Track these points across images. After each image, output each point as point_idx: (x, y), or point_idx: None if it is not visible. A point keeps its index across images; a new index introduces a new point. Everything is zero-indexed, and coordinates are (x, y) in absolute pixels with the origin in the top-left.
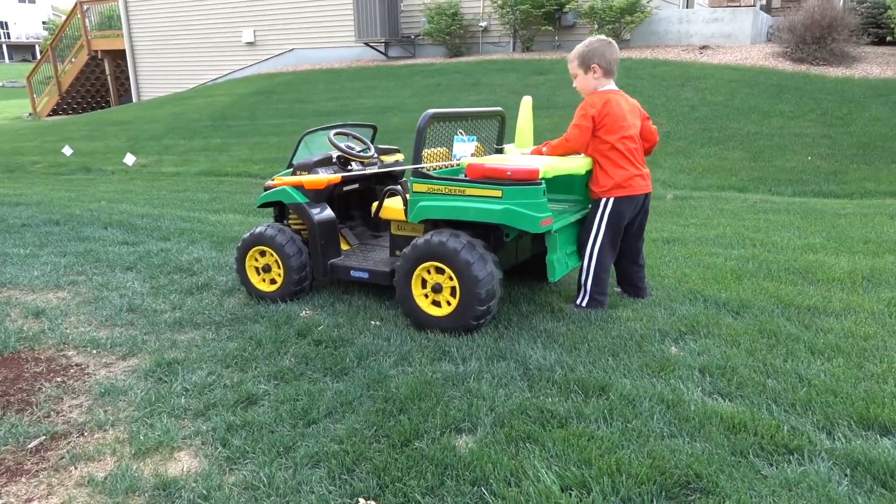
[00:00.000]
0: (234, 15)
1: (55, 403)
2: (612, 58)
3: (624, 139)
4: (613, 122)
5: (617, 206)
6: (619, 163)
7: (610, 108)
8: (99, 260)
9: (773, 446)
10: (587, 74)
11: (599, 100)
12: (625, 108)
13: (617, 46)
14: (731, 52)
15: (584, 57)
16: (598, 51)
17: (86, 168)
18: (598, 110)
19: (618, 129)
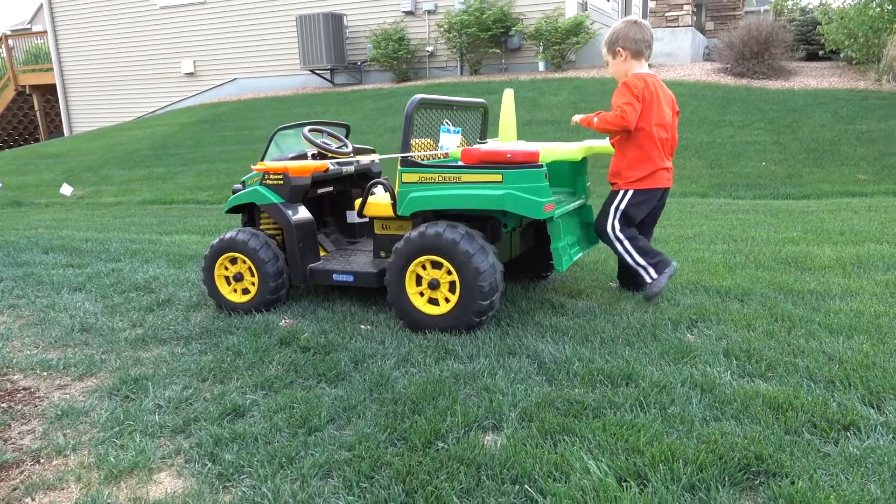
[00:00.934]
0: (172, 46)
1: (2, 430)
2: (638, 37)
3: (658, 126)
4: (650, 106)
5: (637, 198)
6: (650, 153)
7: (649, 90)
8: (41, 283)
9: (825, 423)
10: (616, 59)
11: (639, 80)
12: (660, 94)
13: (646, 26)
14: (674, 70)
15: (609, 42)
16: (620, 33)
17: (16, 202)
18: (640, 90)
19: (653, 114)
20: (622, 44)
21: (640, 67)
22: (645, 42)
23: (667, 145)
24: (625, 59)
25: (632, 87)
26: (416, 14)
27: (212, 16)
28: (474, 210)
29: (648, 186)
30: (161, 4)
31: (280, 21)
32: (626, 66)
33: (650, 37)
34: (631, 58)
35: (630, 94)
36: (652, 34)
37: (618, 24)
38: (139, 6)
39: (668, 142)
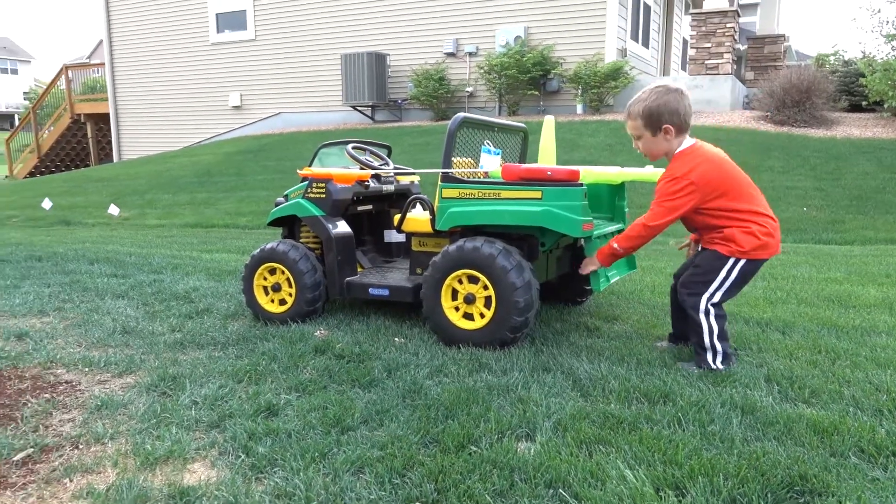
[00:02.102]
0: (221, 80)
1: (43, 418)
2: (686, 111)
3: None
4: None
5: (749, 267)
6: (759, 222)
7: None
8: (86, 289)
9: (873, 448)
10: (657, 136)
11: (693, 160)
12: (721, 156)
13: (685, 93)
14: (713, 117)
15: (651, 115)
16: (670, 105)
17: (65, 221)
18: (699, 174)
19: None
20: (670, 119)
21: (686, 143)
22: (691, 115)
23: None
24: (669, 139)
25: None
26: (458, 56)
27: (260, 52)
28: (513, 226)
29: (763, 256)
30: (213, 41)
31: (325, 59)
32: (667, 146)
33: (690, 105)
34: (677, 134)
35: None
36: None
37: (661, 92)
38: (193, 42)
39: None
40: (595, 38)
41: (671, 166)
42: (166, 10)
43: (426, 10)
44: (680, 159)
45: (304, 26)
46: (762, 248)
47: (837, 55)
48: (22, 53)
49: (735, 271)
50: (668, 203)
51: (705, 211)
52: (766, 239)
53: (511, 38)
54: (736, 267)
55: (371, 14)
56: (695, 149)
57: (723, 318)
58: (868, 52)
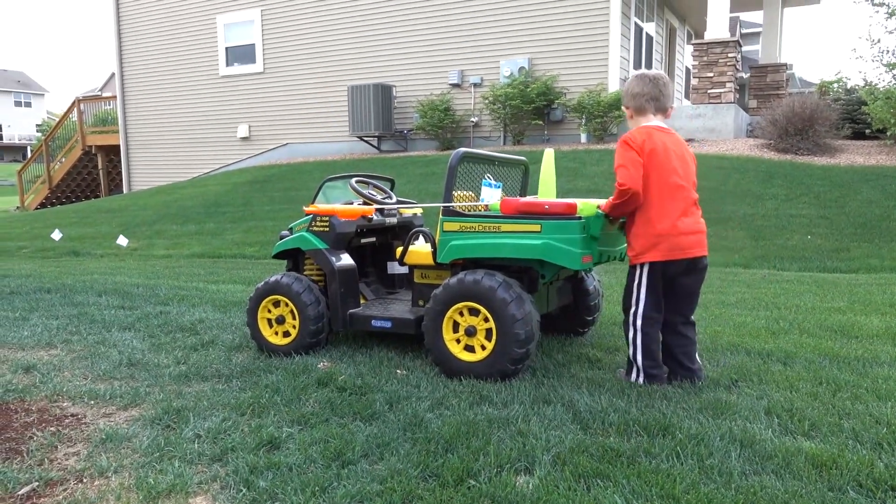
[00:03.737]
0: (230, 112)
1: (49, 451)
2: (636, 91)
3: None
4: (656, 161)
5: (656, 270)
6: (667, 213)
7: (651, 142)
8: (94, 321)
9: (872, 482)
10: (630, 120)
11: (641, 132)
12: (671, 147)
13: (651, 78)
14: (717, 145)
15: (622, 100)
16: (627, 90)
17: (74, 252)
18: (638, 144)
19: (663, 171)
20: (625, 101)
21: (647, 122)
22: (646, 96)
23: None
24: (630, 117)
25: (629, 142)
26: (463, 87)
27: (268, 85)
28: (512, 259)
29: (670, 258)
30: (223, 73)
31: (331, 90)
32: (633, 125)
33: (652, 88)
34: (636, 115)
35: (625, 150)
36: (658, 85)
37: (629, 80)
38: (203, 75)
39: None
40: (598, 68)
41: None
42: (177, 44)
43: (431, 41)
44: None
45: (312, 59)
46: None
47: (841, 82)
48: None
49: (644, 278)
50: (626, 159)
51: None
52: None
53: (515, 69)
54: (644, 273)
55: (377, 46)
56: (649, 128)
57: (648, 335)
58: (870, 80)
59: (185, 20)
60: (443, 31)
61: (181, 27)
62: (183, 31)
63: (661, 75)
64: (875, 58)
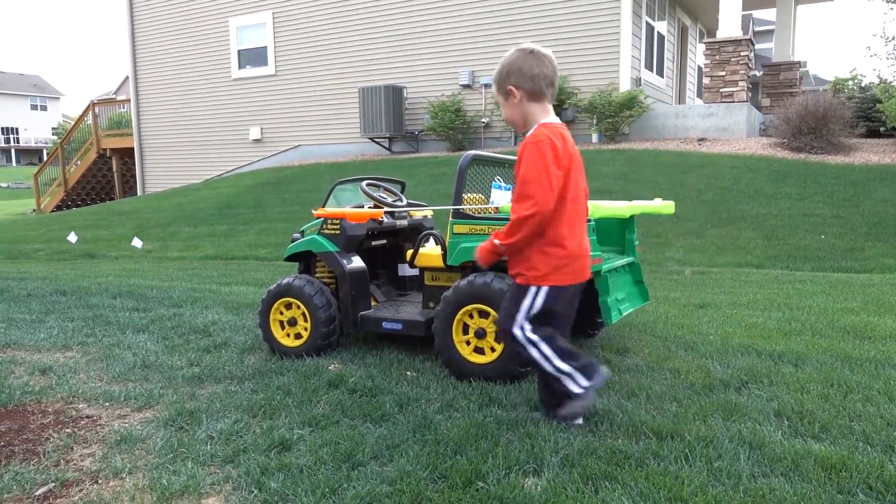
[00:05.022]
0: (242, 114)
1: (65, 453)
2: (536, 72)
3: (574, 200)
4: (572, 169)
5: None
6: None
7: (567, 147)
8: (109, 323)
9: (881, 485)
10: (508, 101)
11: (555, 135)
12: (575, 150)
13: (546, 57)
14: (729, 144)
15: (498, 78)
16: (512, 66)
17: (89, 254)
18: (560, 150)
19: (575, 181)
20: (514, 80)
21: (545, 115)
22: (545, 79)
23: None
24: (519, 101)
25: (551, 147)
26: (474, 87)
27: (280, 87)
28: None
29: (569, 282)
30: (235, 76)
31: (343, 92)
32: (521, 111)
33: (552, 71)
34: (528, 99)
35: (543, 159)
36: (555, 68)
37: (508, 56)
38: (215, 78)
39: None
40: (609, 68)
41: (530, 134)
42: (190, 47)
43: (442, 42)
44: (544, 127)
45: (323, 61)
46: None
47: (856, 80)
48: (51, 90)
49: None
50: (544, 170)
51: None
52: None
53: None
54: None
55: (388, 48)
56: (556, 126)
57: (552, 340)
58: (884, 77)
59: (197, 23)
60: (453, 31)
61: (194, 30)
62: (196, 34)
63: (553, 56)
64: (890, 55)
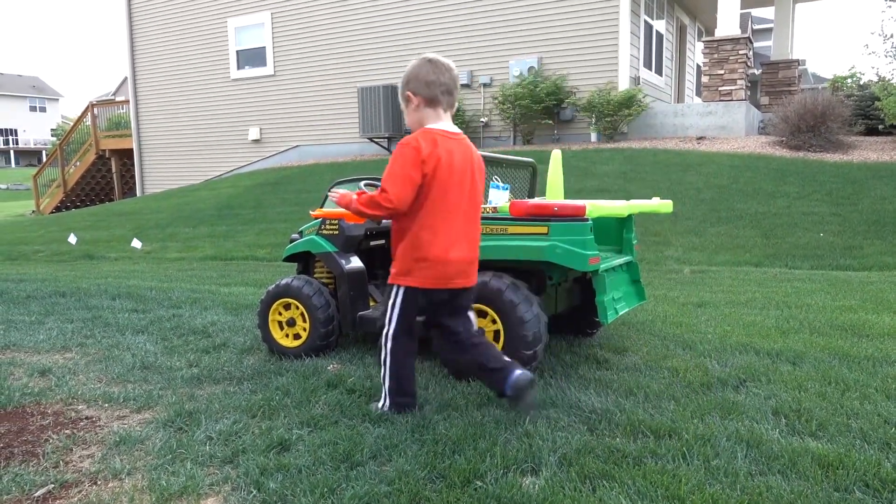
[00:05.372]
0: (241, 115)
1: (64, 454)
2: (431, 79)
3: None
4: (440, 175)
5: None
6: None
7: (439, 154)
8: (108, 325)
9: (878, 482)
10: (408, 107)
11: (426, 140)
12: (458, 159)
13: (444, 66)
14: (728, 143)
15: (401, 86)
16: (411, 73)
17: (89, 255)
18: (424, 155)
19: (445, 187)
20: (412, 87)
21: (436, 121)
22: (441, 86)
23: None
24: (417, 106)
25: (415, 150)
26: (472, 87)
27: (279, 87)
28: (520, 261)
29: (434, 286)
30: (233, 77)
31: (342, 92)
32: (418, 116)
33: (449, 80)
34: (424, 105)
35: (405, 160)
36: (454, 77)
37: (410, 64)
38: (214, 79)
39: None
40: (608, 67)
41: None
42: (189, 47)
43: (440, 42)
44: (422, 131)
45: (322, 61)
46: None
47: (854, 77)
48: (50, 91)
49: (399, 300)
50: (403, 171)
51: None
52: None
53: (524, 69)
54: (399, 295)
55: (386, 47)
56: (437, 133)
57: (397, 360)
58: (883, 75)
59: (196, 24)
60: (452, 31)
61: (192, 31)
62: (194, 34)
63: (454, 66)
64: (888, 53)
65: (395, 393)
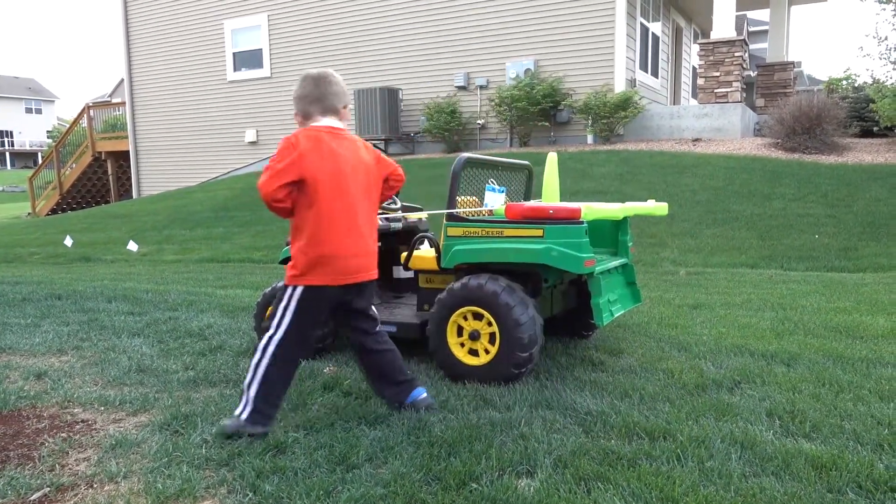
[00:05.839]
0: (238, 117)
1: (60, 457)
2: (298, 94)
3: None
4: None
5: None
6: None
7: (318, 150)
8: (104, 327)
9: (871, 484)
10: (301, 127)
11: (305, 137)
12: (341, 154)
13: (319, 78)
14: (724, 144)
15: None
16: (293, 94)
17: (85, 257)
18: (299, 150)
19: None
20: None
21: (316, 122)
22: (308, 98)
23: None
24: (300, 123)
25: (289, 146)
26: (469, 89)
27: (275, 89)
28: (515, 263)
29: (326, 282)
30: (230, 79)
31: None
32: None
33: (315, 89)
34: (304, 120)
35: (280, 154)
36: (323, 85)
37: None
38: (211, 81)
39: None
40: (604, 69)
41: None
42: (185, 49)
43: (437, 44)
44: (302, 130)
45: (319, 63)
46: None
47: (849, 79)
48: (46, 93)
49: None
50: (275, 164)
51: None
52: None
53: (521, 71)
54: (294, 296)
55: (383, 50)
56: (319, 130)
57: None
58: (877, 77)
59: (192, 26)
60: (448, 33)
61: (189, 33)
62: (191, 36)
63: (325, 74)
64: (882, 55)
65: (261, 401)
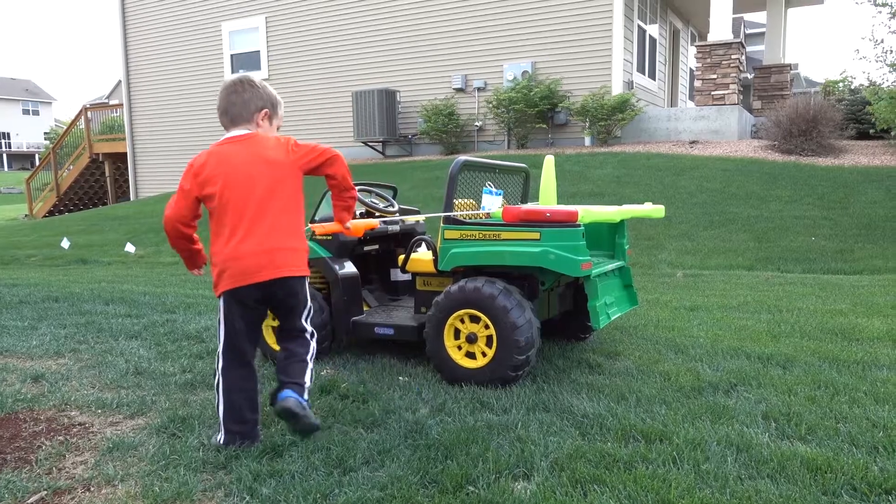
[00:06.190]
0: None
1: (57, 460)
2: (217, 107)
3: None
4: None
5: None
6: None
7: (212, 166)
8: (101, 330)
9: (866, 486)
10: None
11: (202, 156)
12: (239, 160)
13: (226, 87)
14: (721, 146)
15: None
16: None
17: (82, 259)
18: (194, 170)
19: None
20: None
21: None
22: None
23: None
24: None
25: (188, 169)
26: (467, 91)
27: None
28: (512, 266)
29: (235, 285)
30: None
31: (336, 96)
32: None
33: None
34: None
35: (182, 178)
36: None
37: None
38: (208, 82)
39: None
40: (601, 71)
41: None
42: (183, 51)
43: (435, 46)
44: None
45: (316, 65)
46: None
47: (846, 82)
48: (43, 95)
49: (221, 312)
50: (179, 187)
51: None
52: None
53: (518, 73)
54: (220, 306)
55: (381, 52)
56: (218, 145)
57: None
58: (874, 80)
59: (190, 28)
60: (446, 35)
61: (187, 34)
62: (188, 38)
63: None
64: (878, 58)
65: (228, 419)
